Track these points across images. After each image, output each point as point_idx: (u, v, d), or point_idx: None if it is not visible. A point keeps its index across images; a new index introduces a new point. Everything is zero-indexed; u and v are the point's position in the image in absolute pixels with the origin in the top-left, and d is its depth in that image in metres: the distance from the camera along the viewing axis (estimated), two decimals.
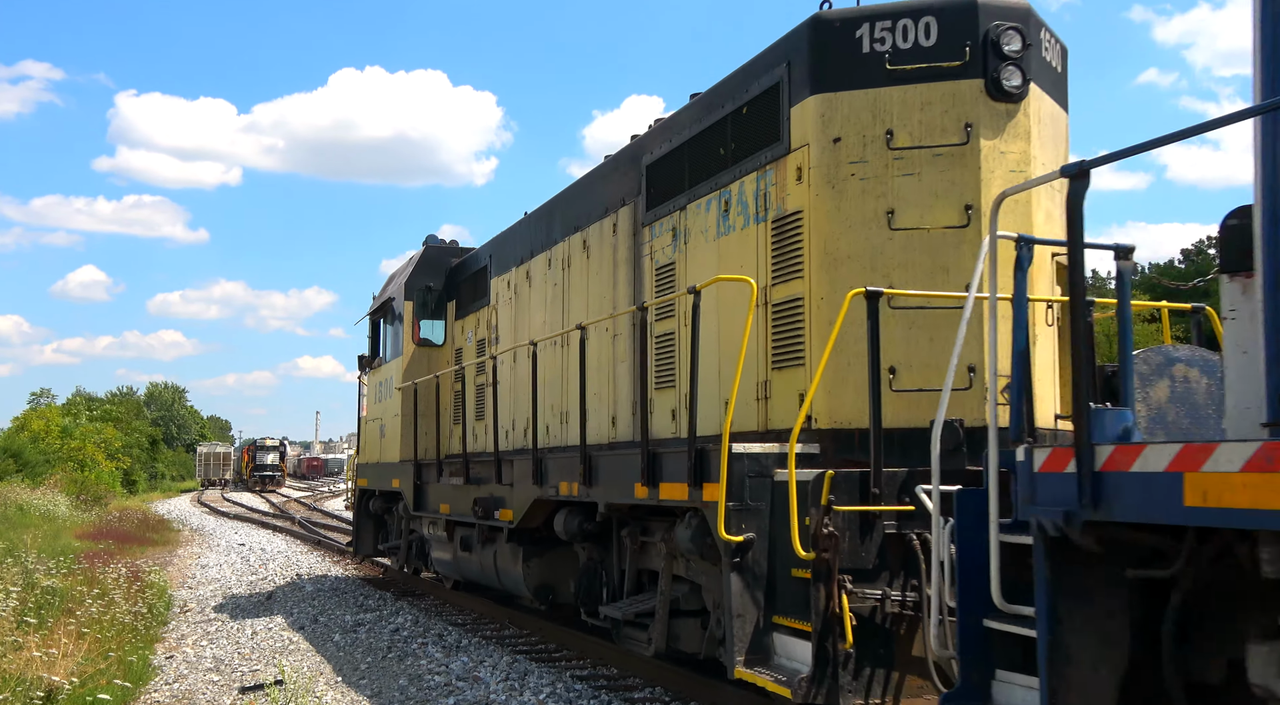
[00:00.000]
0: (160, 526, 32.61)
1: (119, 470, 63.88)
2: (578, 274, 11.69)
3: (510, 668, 10.65)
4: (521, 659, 11.13)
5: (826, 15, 7.95)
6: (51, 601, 12.28)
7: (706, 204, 9.18)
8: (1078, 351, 4.60)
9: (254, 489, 73.55)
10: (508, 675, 10.30)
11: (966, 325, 5.85)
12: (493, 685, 9.90)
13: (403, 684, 10.13)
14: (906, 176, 7.71)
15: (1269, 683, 4.05)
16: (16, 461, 51.68)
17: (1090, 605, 4.58)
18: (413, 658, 11.45)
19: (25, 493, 35.03)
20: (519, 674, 10.36)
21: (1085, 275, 4.70)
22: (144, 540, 26.86)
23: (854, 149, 7.81)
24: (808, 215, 7.90)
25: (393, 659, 11.47)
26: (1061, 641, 4.61)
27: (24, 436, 59.33)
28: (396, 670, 10.84)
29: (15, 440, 57.48)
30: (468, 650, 11.77)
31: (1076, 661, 4.60)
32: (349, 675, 10.73)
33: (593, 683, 9.88)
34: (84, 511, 35.26)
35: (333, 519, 34.90)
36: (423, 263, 16.65)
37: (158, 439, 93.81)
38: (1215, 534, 4.13)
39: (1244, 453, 3.77)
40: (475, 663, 10.96)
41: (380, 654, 11.78)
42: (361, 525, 18.44)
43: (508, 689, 9.75)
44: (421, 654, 11.65)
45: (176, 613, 15.25)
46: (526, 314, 13.13)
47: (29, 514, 29.06)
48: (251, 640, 12.96)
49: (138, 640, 11.71)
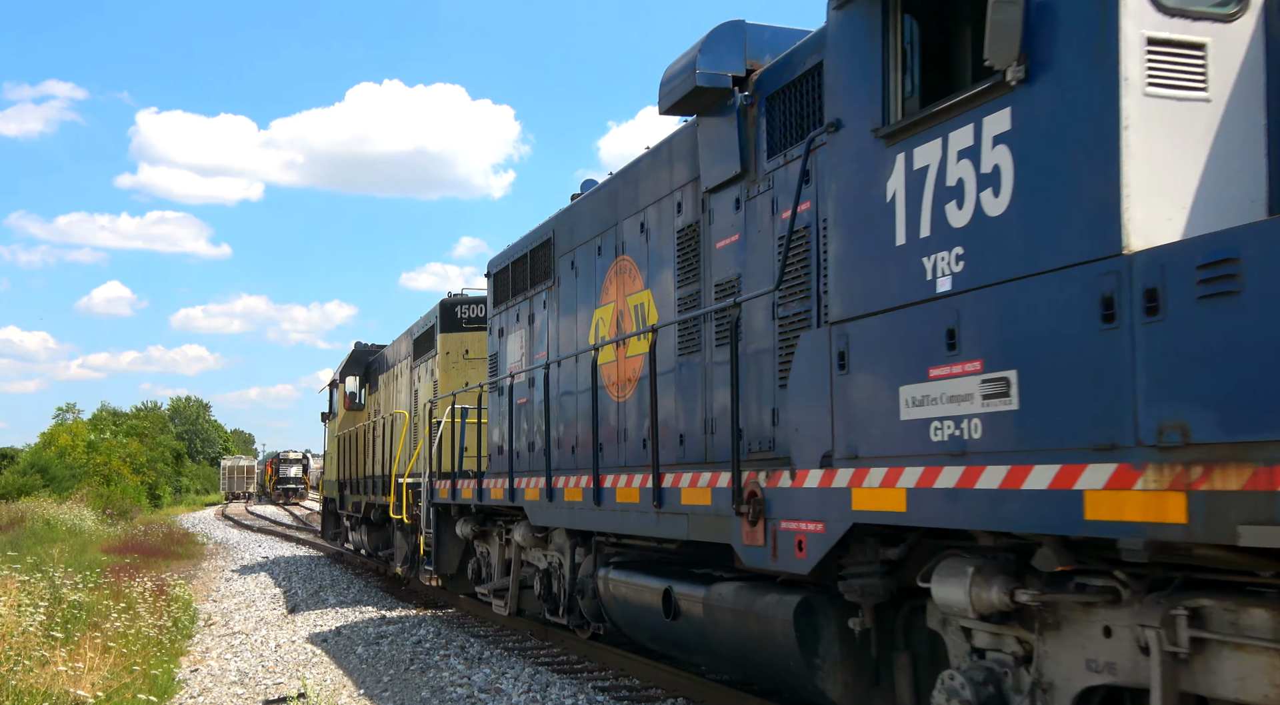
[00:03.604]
0: (185, 540, 32.92)
1: (144, 484, 64.08)
2: (407, 378, 21.52)
3: (532, 679, 10.62)
4: (544, 670, 11.11)
5: (447, 301, 18.65)
6: (78, 615, 12.37)
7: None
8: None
9: (277, 502, 73.95)
10: (529, 687, 10.26)
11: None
12: (515, 697, 9.87)
13: (425, 696, 10.08)
14: (474, 367, 17.40)
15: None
16: (44, 476, 51.91)
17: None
18: (435, 670, 11.44)
19: (52, 507, 35.46)
20: (541, 685, 10.31)
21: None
22: (169, 554, 27.10)
23: (455, 354, 18.07)
24: (439, 378, 18.16)
25: (415, 671, 11.45)
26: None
27: (51, 452, 59.71)
28: (419, 682, 10.80)
29: (42, 455, 57.82)
30: (489, 662, 11.77)
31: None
32: (371, 687, 10.70)
33: (615, 694, 9.84)
34: (110, 526, 35.59)
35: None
36: (351, 358, 27.25)
37: (182, 453, 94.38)
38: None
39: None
40: (497, 674, 10.94)
41: (403, 666, 11.76)
42: (325, 519, 30.85)
43: (529, 701, 9.72)
44: (444, 666, 11.65)
45: (201, 626, 15.38)
46: (396, 396, 22.37)
47: (56, 528, 29.32)
48: (275, 653, 12.99)
49: (163, 654, 11.78)
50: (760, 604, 6.94)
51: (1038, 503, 4.56)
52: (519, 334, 13.60)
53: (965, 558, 5.36)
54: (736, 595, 7.31)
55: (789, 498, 6.40)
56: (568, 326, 11.91)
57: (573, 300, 11.82)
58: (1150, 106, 4.26)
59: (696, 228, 9.08)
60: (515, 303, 13.71)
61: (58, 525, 30.33)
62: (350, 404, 27.33)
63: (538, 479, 10.86)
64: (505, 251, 14.27)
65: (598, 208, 11.35)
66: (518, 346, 13.64)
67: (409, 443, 19.20)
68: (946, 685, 5.46)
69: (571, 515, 10.09)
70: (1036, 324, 4.61)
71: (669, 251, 9.55)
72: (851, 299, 5.88)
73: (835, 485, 5.93)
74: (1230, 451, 3.77)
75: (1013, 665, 5.30)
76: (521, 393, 12.90)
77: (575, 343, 11.51)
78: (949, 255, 5.12)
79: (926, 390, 5.24)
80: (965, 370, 4.99)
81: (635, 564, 9.37)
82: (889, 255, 5.54)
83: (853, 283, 5.88)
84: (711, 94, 8.29)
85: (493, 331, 14.67)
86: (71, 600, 12.96)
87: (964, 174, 5.04)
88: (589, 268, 11.41)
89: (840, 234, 6.04)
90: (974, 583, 5.17)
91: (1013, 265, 4.75)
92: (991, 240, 4.88)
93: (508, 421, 12.69)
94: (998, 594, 5.11)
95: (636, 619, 9.08)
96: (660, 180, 9.84)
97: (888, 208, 5.55)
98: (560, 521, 10.51)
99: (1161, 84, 4.29)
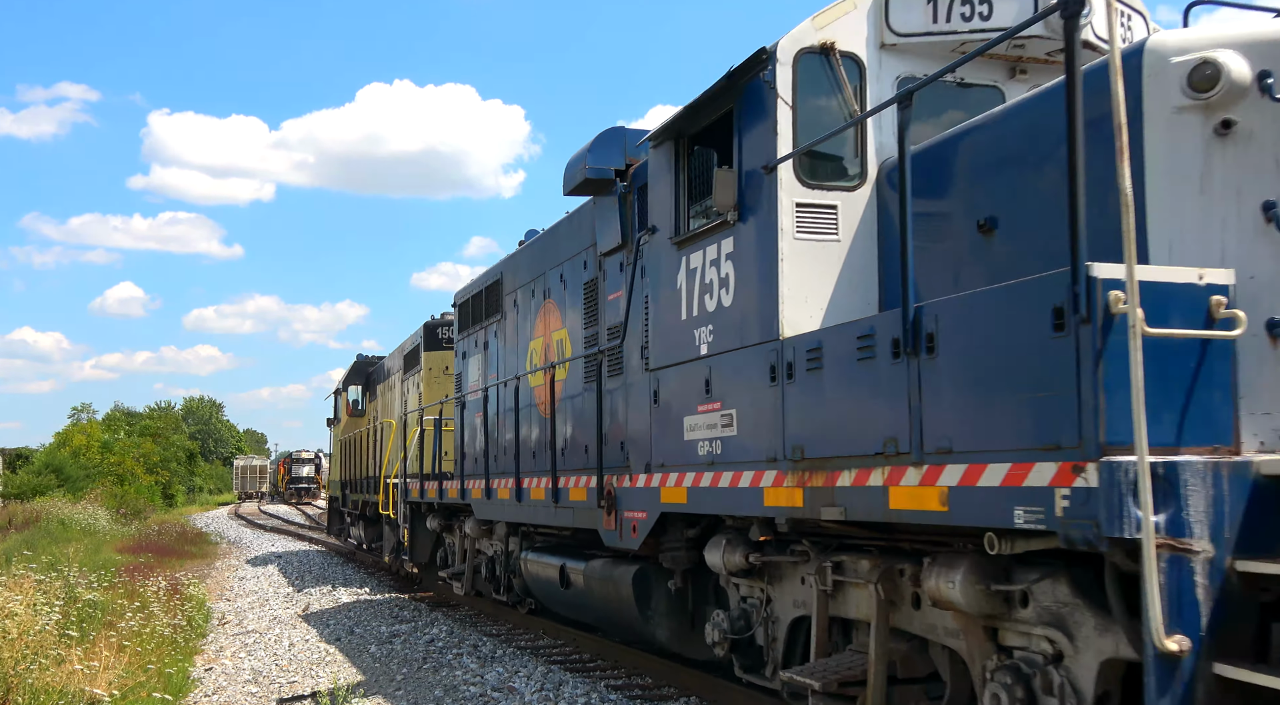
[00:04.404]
0: (198, 539, 33.52)
1: (158, 484, 64.77)
2: (399, 390, 23.64)
3: (545, 678, 10.69)
4: (556, 669, 11.20)
5: (430, 323, 20.67)
6: (93, 615, 12.36)
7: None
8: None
9: (290, 501, 74.81)
10: (542, 685, 10.34)
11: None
12: (528, 696, 9.96)
13: (439, 695, 10.18)
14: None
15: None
16: (58, 476, 52.66)
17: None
18: (448, 669, 11.53)
19: (67, 507, 35.96)
20: (554, 684, 10.40)
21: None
22: (183, 553, 27.46)
23: (437, 370, 19.84)
24: (423, 390, 20.06)
25: (428, 670, 11.58)
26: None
27: (65, 452, 60.33)
28: (432, 681, 10.91)
29: (57, 455, 58.50)
30: (502, 661, 11.85)
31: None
32: (385, 686, 10.86)
33: (627, 692, 9.96)
34: (124, 525, 35.86)
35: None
36: (353, 369, 30.29)
37: (195, 453, 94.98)
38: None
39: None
40: (510, 673, 11.02)
41: (416, 665, 11.89)
42: (331, 516, 33.02)
43: (542, 699, 9.81)
44: (457, 665, 11.74)
45: (215, 625, 15.52)
46: (392, 405, 24.19)
47: (70, 528, 29.66)
48: (289, 652, 13.13)
49: (177, 652, 11.82)
50: (614, 573, 9.44)
51: (746, 496, 7.01)
52: (477, 357, 16.05)
53: (723, 533, 7.83)
54: (602, 568, 9.80)
55: (629, 494, 8.87)
56: (511, 354, 14.37)
57: (514, 333, 14.28)
58: (798, 246, 6.72)
59: (596, 282, 11.52)
60: (474, 330, 16.17)
61: (72, 525, 30.69)
62: (352, 411, 29.92)
63: (481, 481, 13.35)
64: (467, 286, 16.73)
65: (533, 258, 13.81)
66: (476, 368, 16.10)
67: (396, 448, 21.68)
68: (714, 621, 7.96)
69: (503, 510, 12.58)
70: (744, 379, 7.07)
71: (578, 299, 12.00)
72: (660, 353, 8.35)
73: (652, 486, 8.40)
74: (819, 464, 6.23)
75: (758, 606, 7.76)
76: (477, 408, 15.35)
77: (517, 369, 13.96)
78: (705, 330, 7.60)
79: (696, 420, 7.71)
80: (713, 407, 7.46)
81: (545, 548, 11.86)
82: (677, 326, 8.01)
83: (661, 342, 8.36)
84: (599, 183, 10.74)
85: (458, 354, 17.13)
86: (86, 599, 12.92)
87: (712, 276, 7.51)
88: (526, 306, 13.87)
89: (655, 307, 8.52)
90: (725, 551, 7.64)
91: (734, 340, 7.22)
92: (724, 323, 7.35)
93: (466, 432, 15.18)
94: (740, 558, 7.57)
95: (544, 589, 11.57)
96: (573, 241, 12.28)
97: (678, 293, 8.03)
98: (496, 515, 13.00)
99: (805, 231, 6.75)
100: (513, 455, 12.45)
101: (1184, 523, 4.21)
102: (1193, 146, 4.82)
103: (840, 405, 6.04)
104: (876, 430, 5.67)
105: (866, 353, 5.75)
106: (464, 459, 15.15)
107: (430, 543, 17.71)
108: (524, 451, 12.50)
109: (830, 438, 6.14)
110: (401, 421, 20.35)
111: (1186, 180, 4.83)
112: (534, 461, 12.40)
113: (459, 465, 16.19)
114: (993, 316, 4.93)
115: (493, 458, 13.59)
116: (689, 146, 8.07)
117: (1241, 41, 4.80)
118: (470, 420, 15.31)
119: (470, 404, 15.34)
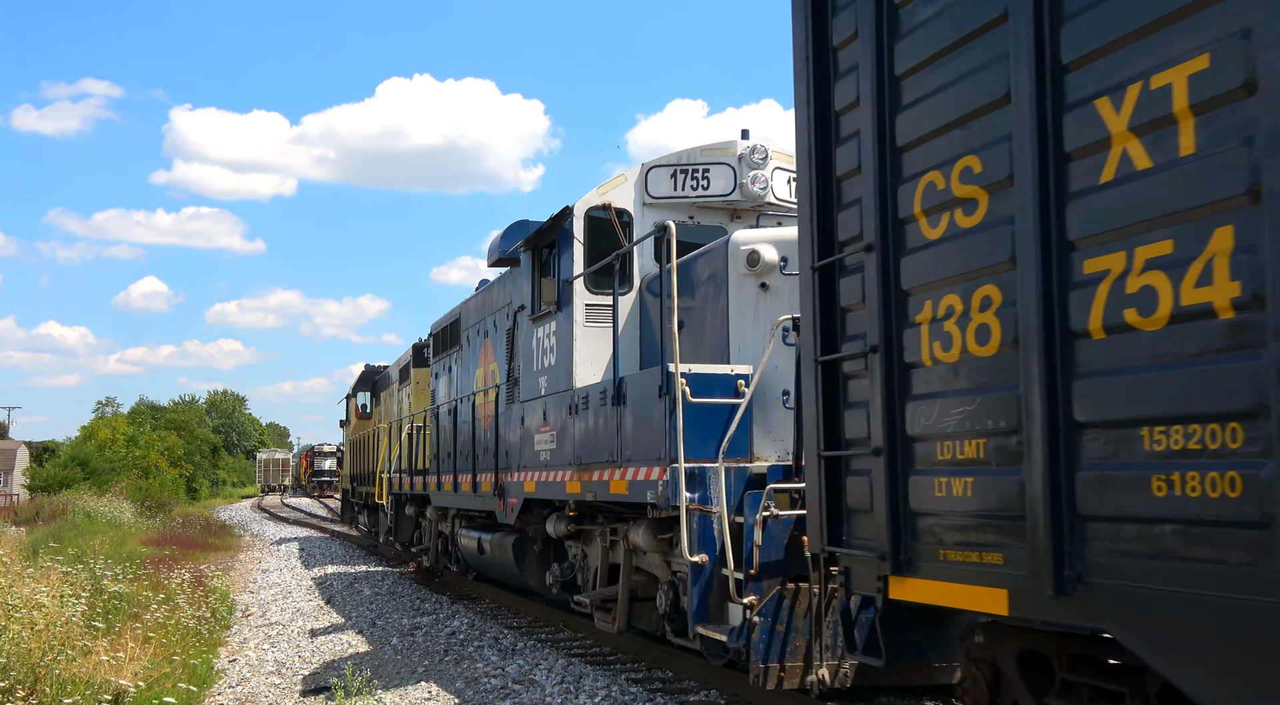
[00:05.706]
0: (222, 532, 34.28)
1: (182, 477, 65.91)
2: (397, 397, 26.41)
3: (565, 671, 10.75)
4: (577, 662, 11.26)
5: (417, 344, 23.26)
6: (118, 606, 12.47)
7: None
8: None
9: (312, 494, 75.07)
10: (563, 678, 10.42)
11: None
12: (548, 688, 10.05)
13: (460, 686, 10.31)
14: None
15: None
16: (84, 469, 54.39)
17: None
18: (469, 661, 11.68)
19: (92, 500, 36.46)
20: (574, 677, 10.45)
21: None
22: (206, 546, 27.70)
23: (423, 384, 21.84)
24: (411, 401, 23.05)
25: (449, 662, 11.73)
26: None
27: (91, 445, 61.57)
28: (453, 673, 11.05)
29: (83, 449, 59.88)
30: (523, 653, 11.95)
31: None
32: (407, 678, 10.98)
33: (648, 685, 10.02)
34: (149, 518, 36.20)
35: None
36: (361, 377, 34.35)
37: (219, 446, 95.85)
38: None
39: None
40: (531, 666, 11.15)
41: (437, 657, 12.04)
42: (344, 507, 39.16)
43: (563, 692, 9.85)
44: (478, 657, 11.90)
45: (239, 617, 15.69)
46: (392, 410, 26.95)
47: (96, 521, 30.02)
48: (311, 643, 13.32)
49: (201, 644, 12.01)
50: (505, 541, 13.56)
51: (559, 488, 11.06)
52: (446, 378, 20.18)
53: (554, 511, 11.87)
54: (499, 538, 13.92)
55: (510, 486, 12.98)
56: (465, 378, 18.49)
57: (469, 360, 18.40)
58: (587, 331, 10.80)
59: (514, 330, 15.63)
60: (443, 357, 20.28)
61: (98, 518, 31.10)
62: (361, 414, 33.90)
63: (436, 476, 17.50)
64: (439, 320, 20.79)
65: (479, 304, 17.91)
66: (445, 387, 20.22)
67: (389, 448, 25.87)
68: (552, 571, 12.03)
69: (448, 499, 16.72)
70: (558, 412, 11.14)
71: (503, 342, 16.05)
72: (525, 391, 12.46)
73: (520, 480, 12.49)
74: (587, 466, 10.28)
75: (579, 560, 11.78)
76: (443, 419, 19.51)
77: (468, 390, 18.09)
78: (544, 379, 11.69)
79: (540, 437, 11.79)
80: (547, 430, 11.54)
81: (471, 526, 16.00)
82: (531, 374, 12.11)
83: (525, 383, 12.46)
84: (510, 259, 14.84)
85: (434, 374, 21.27)
86: (112, 591, 13.03)
87: (547, 344, 11.60)
88: (475, 342, 17.97)
89: (523, 360, 12.63)
90: (552, 523, 11.71)
91: (556, 386, 11.32)
92: (552, 375, 11.44)
93: (435, 438, 19.30)
94: (564, 527, 11.61)
95: (470, 556, 15.72)
96: (501, 296, 16.35)
97: (532, 352, 12.12)
98: (445, 503, 17.16)
99: (592, 321, 10.83)
100: (454, 457, 16.57)
101: (707, 498, 8.26)
102: (751, 296, 8.90)
103: (593, 431, 10.12)
104: (606, 446, 9.74)
105: (602, 401, 9.84)
106: (436, 459, 19.28)
107: (411, 527, 21.86)
108: (461, 454, 16.63)
109: (590, 450, 10.22)
110: (392, 426, 24.58)
111: (748, 314, 8.89)
112: (467, 462, 16.53)
113: (432, 463, 20.32)
114: (642, 386, 9.00)
115: (445, 458, 17.72)
116: (540, 254, 12.16)
117: (773, 239, 8.87)
118: (436, 427, 19.45)
119: (438, 415, 19.50)
